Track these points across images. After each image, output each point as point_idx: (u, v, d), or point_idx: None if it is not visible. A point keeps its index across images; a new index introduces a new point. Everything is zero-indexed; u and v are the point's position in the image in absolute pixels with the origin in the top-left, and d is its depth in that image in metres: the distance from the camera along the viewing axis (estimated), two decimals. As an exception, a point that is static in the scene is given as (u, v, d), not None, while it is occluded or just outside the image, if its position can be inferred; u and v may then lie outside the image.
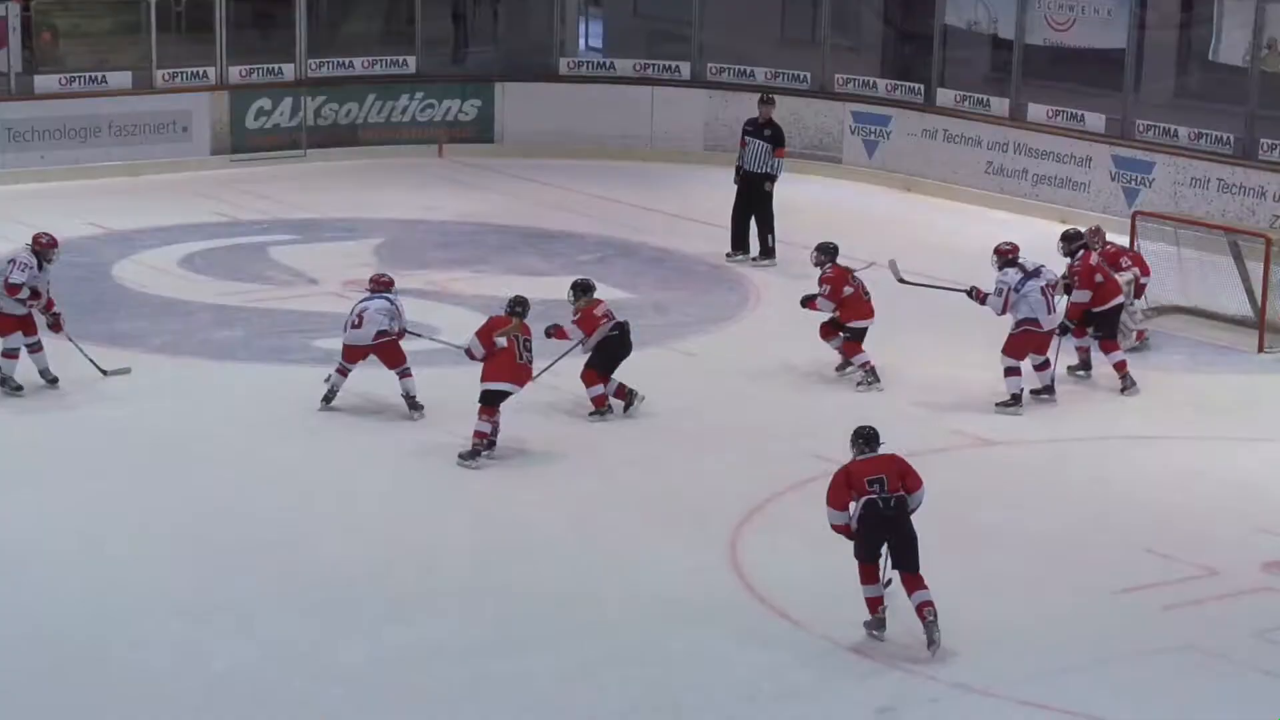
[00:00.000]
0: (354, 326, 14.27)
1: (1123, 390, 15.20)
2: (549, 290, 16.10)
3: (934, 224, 20.39)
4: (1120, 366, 15.29)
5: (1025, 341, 14.69)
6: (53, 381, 14.54)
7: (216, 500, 12.65)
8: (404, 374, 14.31)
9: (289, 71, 22.80)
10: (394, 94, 23.19)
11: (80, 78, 21.83)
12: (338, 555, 11.84)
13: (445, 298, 17.19)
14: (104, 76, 21.94)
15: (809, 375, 15.41)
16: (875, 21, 24.77)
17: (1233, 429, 14.59)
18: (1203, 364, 16.12)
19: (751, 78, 23.09)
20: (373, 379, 14.41)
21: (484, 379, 13.46)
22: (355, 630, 10.86)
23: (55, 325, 14.60)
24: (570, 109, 23.40)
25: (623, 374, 14.39)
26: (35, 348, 14.54)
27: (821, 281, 15.22)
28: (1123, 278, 15.82)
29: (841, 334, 15.25)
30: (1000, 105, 21.59)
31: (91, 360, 14.52)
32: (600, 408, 14.29)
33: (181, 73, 22.20)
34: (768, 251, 18.84)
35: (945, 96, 21.97)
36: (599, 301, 14.46)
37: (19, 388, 14.46)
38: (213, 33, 22.36)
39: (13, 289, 14.27)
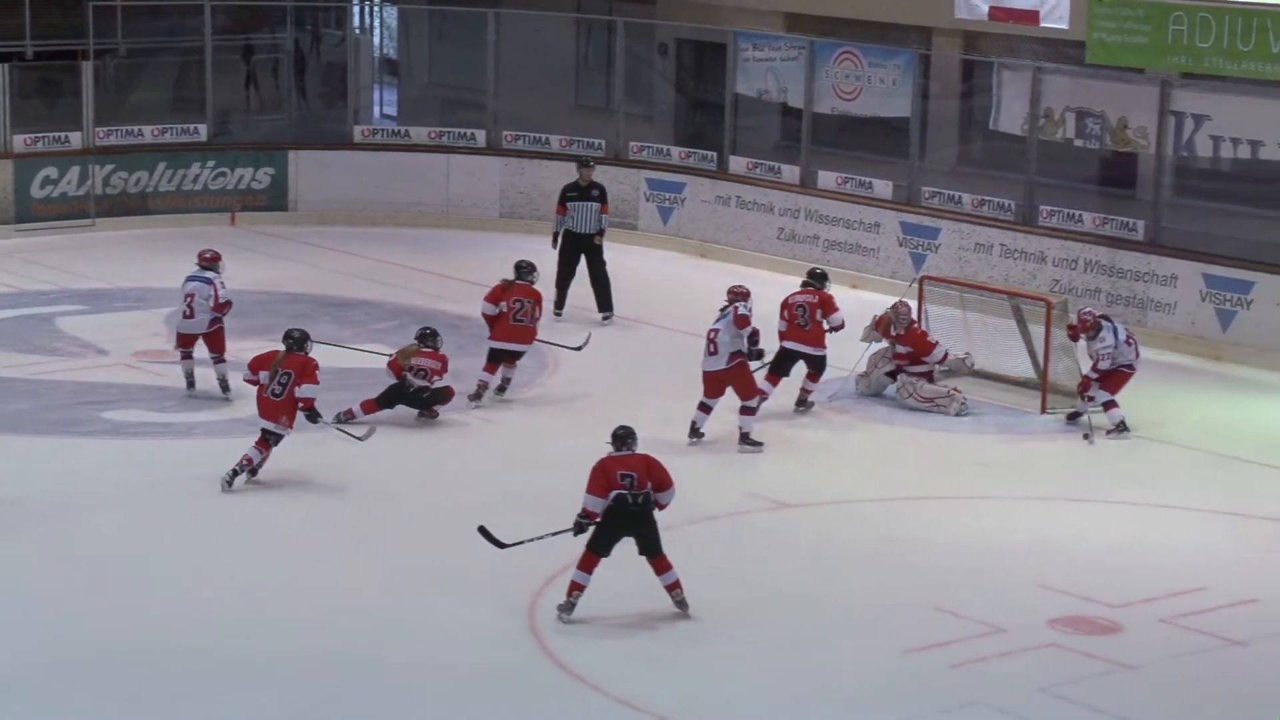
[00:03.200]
0: (186, 316, 15.68)
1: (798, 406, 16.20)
2: (350, 359, 16.19)
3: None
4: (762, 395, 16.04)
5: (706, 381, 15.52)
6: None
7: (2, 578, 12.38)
8: (219, 360, 15.67)
9: (76, 139, 22.47)
10: (185, 162, 22.96)
11: None
12: (130, 629, 11.63)
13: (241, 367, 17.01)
14: (-118, 144, 21.52)
15: (605, 439, 15.47)
16: (668, 90, 25.08)
17: (1017, 488, 14.95)
18: (987, 425, 16.49)
19: (547, 145, 23.25)
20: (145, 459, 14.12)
21: None
22: (151, 708, 10.68)
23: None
24: (365, 177, 23.36)
25: (421, 442, 14.37)
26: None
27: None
28: (934, 355, 16.66)
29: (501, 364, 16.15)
30: (791, 172, 21.96)
31: None
32: (346, 416, 15.23)
33: (-36, 140, 21.81)
34: (608, 305, 19.22)
35: (738, 164, 22.29)
36: (426, 353, 15.49)
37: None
38: (-4, 100, 22.02)
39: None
